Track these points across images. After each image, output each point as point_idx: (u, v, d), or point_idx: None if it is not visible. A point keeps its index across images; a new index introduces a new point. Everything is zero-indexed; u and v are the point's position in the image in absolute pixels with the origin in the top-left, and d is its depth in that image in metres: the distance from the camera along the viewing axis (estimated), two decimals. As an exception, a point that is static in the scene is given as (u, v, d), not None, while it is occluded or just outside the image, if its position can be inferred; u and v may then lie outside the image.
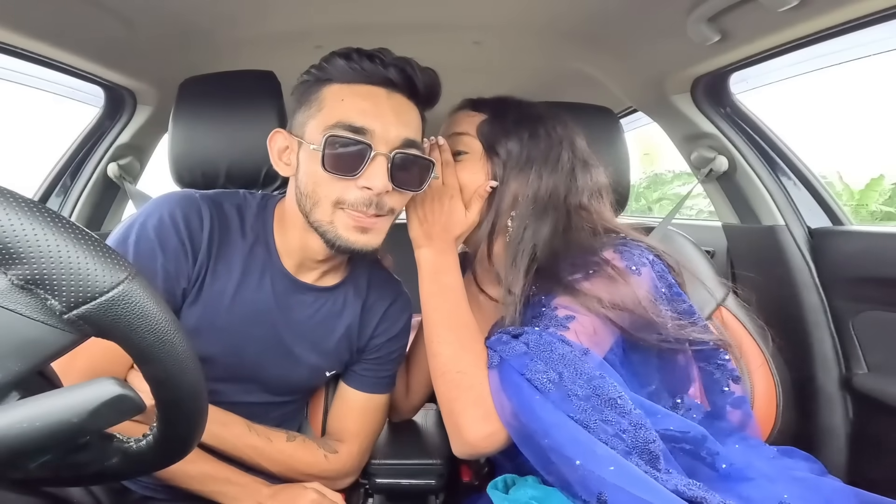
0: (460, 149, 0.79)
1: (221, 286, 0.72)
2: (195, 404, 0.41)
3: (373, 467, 0.94)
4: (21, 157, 1.98)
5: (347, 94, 0.66)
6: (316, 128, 0.66)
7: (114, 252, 0.33)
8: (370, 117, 0.65)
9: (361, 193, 0.65)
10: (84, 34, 1.09)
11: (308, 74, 0.71)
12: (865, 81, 4.84)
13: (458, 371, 0.67)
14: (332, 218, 0.67)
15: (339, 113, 0.65)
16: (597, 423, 0.56)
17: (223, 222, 0.73)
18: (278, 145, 0.71)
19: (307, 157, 0.67)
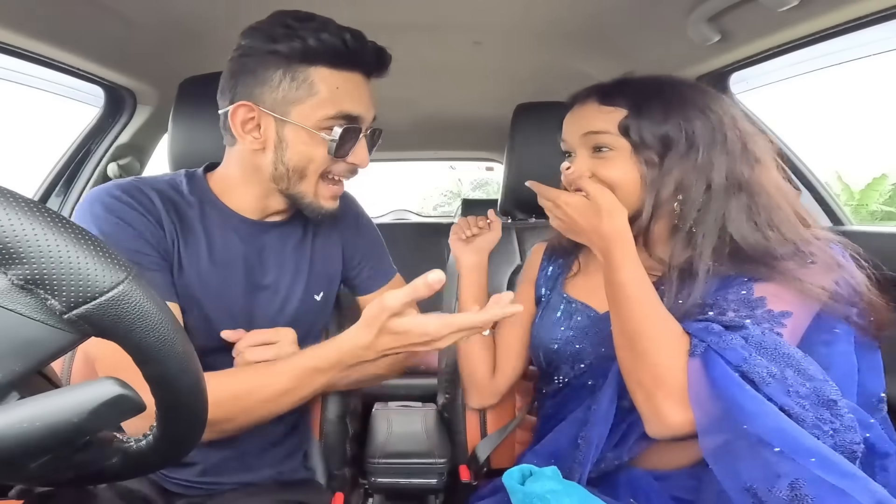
0: (601, 145, 0.73)
1: (195, 249, 0.75)
2: (195, 404, 0.41)
3: (373, 466, 0.94)
4: (21, 157, 1.98)
5: (340, 82, 0.69)
6: (311, 112, 0.69)
7: (114, 252, 0.33)
8: (360, 105, 0.71)
9: (349, 168, 0.75)
10: (84, 34, 1.09)
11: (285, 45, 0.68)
12: (865, 81, 4.83)
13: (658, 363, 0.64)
14: (316, 189, 0.74)
15: (339, 102, 0.69)
16: (812, 419, 0.56)
17: (165, 194, 0.75)
18: (241, 117, 0.70)
19: (297, 137, 0.70)
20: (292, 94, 0.69)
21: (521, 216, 1.17)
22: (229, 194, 0.78)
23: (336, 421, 0.97)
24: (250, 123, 0.71)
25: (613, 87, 0.75)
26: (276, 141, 0.71)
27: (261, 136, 0.71)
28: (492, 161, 2.78)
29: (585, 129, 0.74)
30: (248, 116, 0.70)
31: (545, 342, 0.83)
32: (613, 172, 0.72)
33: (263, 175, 0.74)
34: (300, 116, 0.69)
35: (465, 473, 0.98)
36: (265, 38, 0.69)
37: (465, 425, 1.04)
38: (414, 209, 3.46)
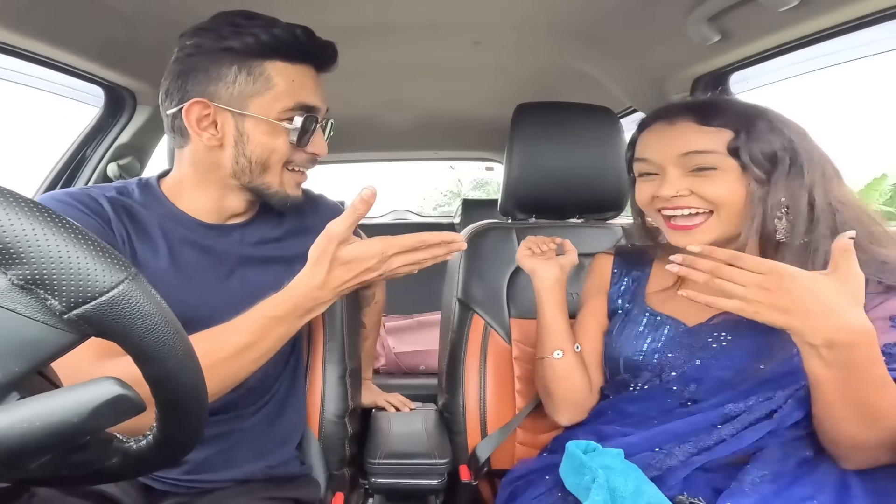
0: (706, 165, 0.73)
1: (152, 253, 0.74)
2: (195, 404, 0.41)
3: (373, 467, 0.94)
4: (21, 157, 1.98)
5: (295, 75, 0.72)
6: (270, 104, 0.71)
7: (114, 252, 0.33)
8: (314, 96, 0.75)
9: (309, 157, 0.78)
10: (84, 34, 1.09)
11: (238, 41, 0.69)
12: (865, 81, 4.83)
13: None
14: (281, 179, 0.77)
15: (296, 94, 0.72)
16: None
17: (116, 200, 0.75)
18: (196, 114, 0.71)
19: (258, 129, 0.72)
20: (249, 88, 0.70)
21: (521, 216, 1.17)
22: (183, 198, 0.78)
23: (335, 421, 0.97)
24: (206, 121, 0.71)
25: (712, 108, 0.76)
26: (236, 135, 0.72)
27: (218, 133, 0.72)
28: (492, 161, 2.78)
29: (685, 148, 0.74)
30: (204, 113, 0.71)
31: (627, 353, 0.82)
32: (720, 190, 0.73)
33: (221, 172, 0.75)
34: (259, 109, 0.71)
35: (465, 473, 0.98)
36: (215, 37, 0.70)
37: (466, 425, 1.04)
38: (414, 209, 3.45)
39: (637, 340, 0.82)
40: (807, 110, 0.73)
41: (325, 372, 0.98)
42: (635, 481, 0.61)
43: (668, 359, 0.78)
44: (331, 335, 0.99)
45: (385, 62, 1.46)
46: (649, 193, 0.79)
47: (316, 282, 0.65)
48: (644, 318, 0.83)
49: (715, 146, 0.73)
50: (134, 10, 1.06)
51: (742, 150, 0.72)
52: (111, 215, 0.72)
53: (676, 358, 0.77)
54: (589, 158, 1.09)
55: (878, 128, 5.80)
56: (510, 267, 1.09)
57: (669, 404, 0.76)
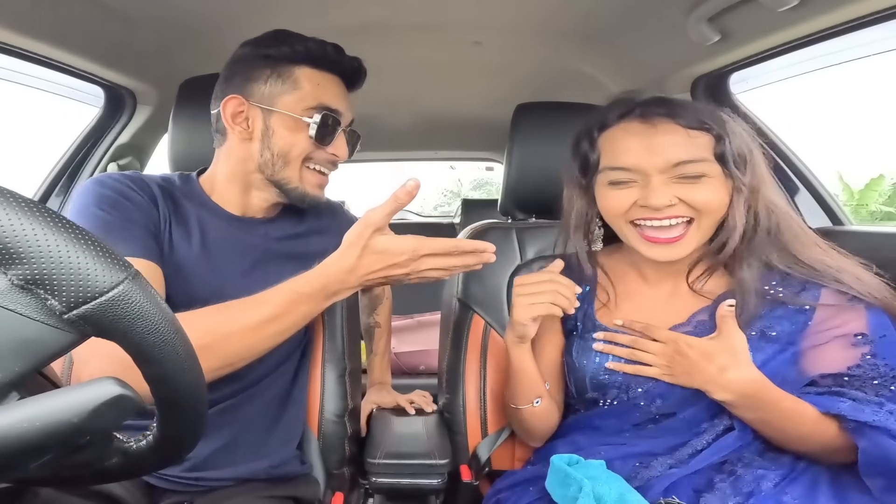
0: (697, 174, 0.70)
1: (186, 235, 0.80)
2: (195, 404, 0.41)
3: (373, 466, 0.94)
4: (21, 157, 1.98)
5: (322, 81, 0.80)
6: (296, 103, 0.78)
7: (114, 252, 0.33)
8: (339, 102, 0.81)
9: (330, 158, 0.83)
10: (84, 34, 1.09)
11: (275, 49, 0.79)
12: (865, 81, 4.83)
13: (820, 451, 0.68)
14: (301, 175, 0.82)
15: (320, 96, 0.79)
16: None
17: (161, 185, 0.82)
18: (232, 110, 0.79)
19: (283, 124, 0.79)
20: (279, 88, 0.78)
21: (521, 216, 1.17)
22: (216, 192, 0.85)
23: (334, 420, 0.97)
24: (239, 116, 0.79)
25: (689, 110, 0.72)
26: (263, 129, 0.79)
27: (249, 127, 0.80)
28: (492, 161, 2.78)
29: (676, 157, 0.69)
30: (238, 110, 0.79)
31: (591, 372, 0.79)
32: (708, 197, 0.70)
33: (250, 166, 0.81)
34: (285, 106, 0.78)
35: (465, 474, 0.98)
36: (255, 47, 0.81)
37: (466, 425, 1.04)
38: (414, 209, 3.46)
39: (598, 359, 0.79)
40: (807, 110, 0.73)
41: (324, 371, 0.98)
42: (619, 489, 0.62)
43: (629, 378, 0.76)
44: (330, 335, 0.99)
45: (385, 62, 1.46)
46: (627, 202, 0.73)
47: (347, 264, 0.66)
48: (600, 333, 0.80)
49: (703, 153, 0.70)
50: (134, 10, 1.06)
51: (727, 154, 0.69)
52: (158, 197, 0.79)
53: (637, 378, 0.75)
54: (589, 158, 1.08)
55: (877, 128, 5.80)
56: (510, 267, 1.09)
57: (639, 418, 0.76)
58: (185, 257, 0.79)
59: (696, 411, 0.72)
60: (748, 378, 0.66)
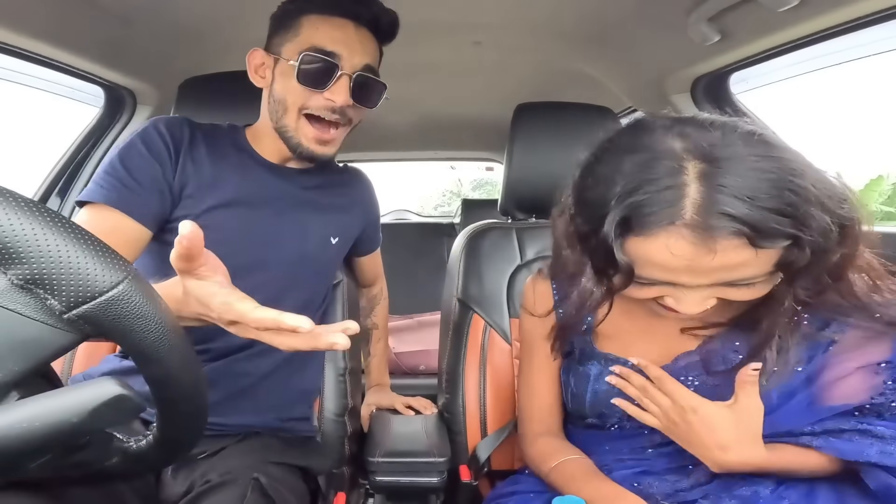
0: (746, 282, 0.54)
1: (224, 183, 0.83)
2: (195, 404, 0.41)
3: (373, 465, 0.94)
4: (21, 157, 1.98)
5: (322, 24, 0.78)
6: (292, 48, 0.79)
7: (113, 252, 0.33)
8: (339, 44, 0.78)
9: (325, 103, 0.79)
10: (84, 34, 1.09)
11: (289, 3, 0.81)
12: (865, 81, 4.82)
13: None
14: (297, 125, 0.81)
15: (314, 38, 0.78)
16: None
17: (206, 134, 0.86)
18: (256, 62, 0.83)
19: (282, 71, 0.80)
20: (284, 37, 0.80)
21: (520, 216, 1.17)
22: (257, 142, 0.88)
23: (334, 419, 0.97)
24: (261, 68, 0.83)
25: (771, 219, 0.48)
26: (272, 78, 0.82)
27: (265, 76, 0.83)
28: (492, 161, 2.78)
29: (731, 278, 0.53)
30: (260, 62, 0.83)
31: (591, 400, 0.73)
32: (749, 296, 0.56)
33: (268, 115, 0.84)
34: (286, 53, 0.79)
35: (465, 473, 0.98)
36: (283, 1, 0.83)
37: (466, 425, 1.04)
38: (414, 209, 3.45)
39: (598, 387, 0.72)
40: (807, 110, 0.73)
41: (324, 369, 0.98)
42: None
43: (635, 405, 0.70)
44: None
45: (385, 62, 1.46)
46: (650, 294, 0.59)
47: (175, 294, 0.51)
48: (599, 360, 0.73)
49: (765, 267, 0.53)
50: (134, 10, 1.06)
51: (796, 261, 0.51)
52: (186, 140, 0.82)
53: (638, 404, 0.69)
54: (589, 158, 1.08)
55: (877, 128, 5.79)
56: (510, 267, 1.09)
57: (640, 444, 0.72)
58: (220, 199, 0.81)
59: None
60: (748, 462, 0.61)
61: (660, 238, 0.52)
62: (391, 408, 1.18)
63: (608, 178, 0.55)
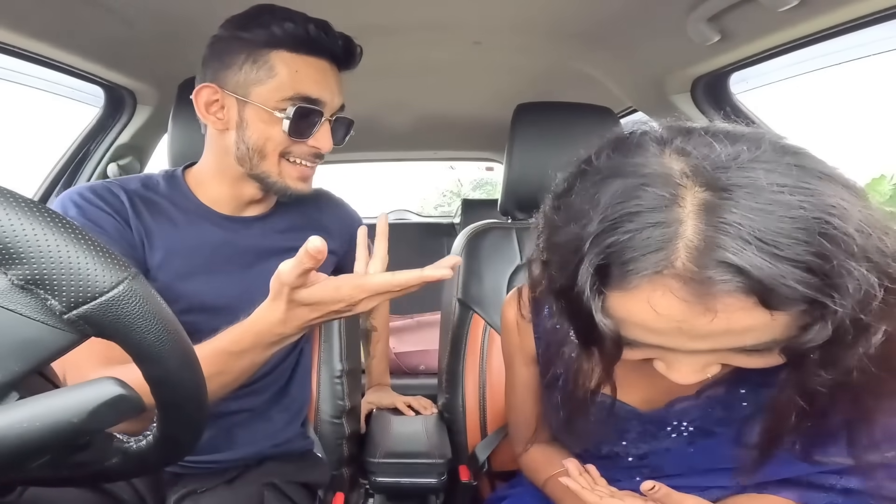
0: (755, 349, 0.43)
1: (171, 246, 0.76)
2: (195, 404, 0.41)
3: (373, 466, 0.94)
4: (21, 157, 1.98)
5: (300, 66, 0.72)
6: (270, 93, 0.72)
7: (114, 252, 0.33)
8: (322, 89, 0.74)
9: (310, 150, 0.77)
10: (84, 34, 1.09)
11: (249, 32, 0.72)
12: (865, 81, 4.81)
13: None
14: (280, 169, 0.76)
15: (296, 84, 0.72)
16: None
17: (137, 193, 0.77)
18: (205, 99, 0.74)
19: (257, 116, 0.73)
20: (253, 76, 0.72)
21: (521, 216, 1.17)
22: (205, 189, 0.80)
23: (331, 421, 0.97)
24: (214, 105, 0.75)
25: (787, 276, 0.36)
26: (238, 121, 0.74)
27: (224, 117, 0.75)
28: (492, 161, 2.78)
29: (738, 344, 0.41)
30: (213, 98, 0.74)
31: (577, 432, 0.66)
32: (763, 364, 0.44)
33: (230, 159, 0.77)
34: (259, 97, 0.72)
35: (465, 474, 0.98)
36: (234, 27, 0.74)
37: (466, 425, 1.04)
38: (414, 209, 3.45)
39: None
40: (807, 110, 0.73)
41: (319, 372, 0.98)
42: None
43: (622, 447, 0.64)
44: (326, 336, 0.99)
45: (385, 62, 1.46)
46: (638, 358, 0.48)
47: (275, 318, 0.59)
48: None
49: (778, 334, 0.40)
50: (134, 10, 1.06)
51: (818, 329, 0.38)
52: (129, 211, 0.74)
53: (631, 446, 0.64)
54: (589, 158, 1.08)
55: (878, 128, 5.79)
56: (510, 267, 1.09)
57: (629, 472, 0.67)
58: (177, 267, 0.75)
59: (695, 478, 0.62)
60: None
61: (643, 292, 0.40)
62: (391, 407, 1.18)
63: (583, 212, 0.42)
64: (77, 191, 0.73)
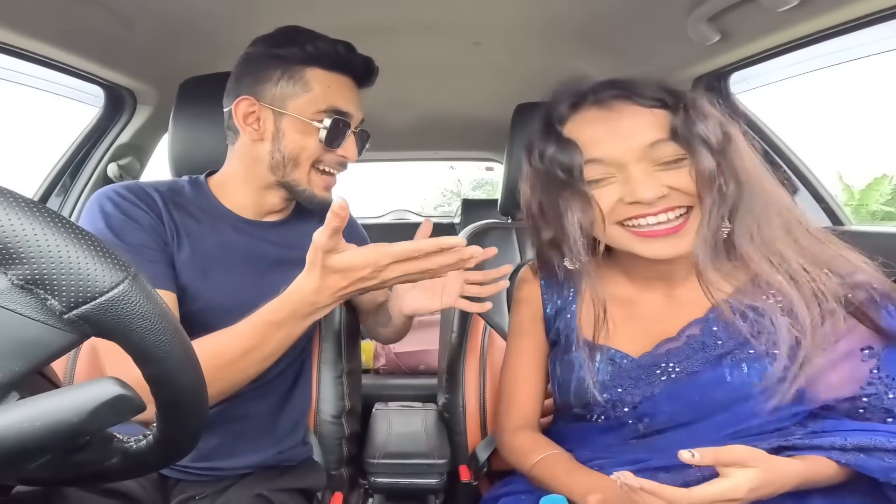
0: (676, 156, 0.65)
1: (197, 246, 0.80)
2: (195, 404, 0.41)
3: (372, 466, 0.94)
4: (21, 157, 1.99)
5: (332, 83, 0.80)
6: (306, 106, 0.79)
7: (114, 252, 0.33)
8: (350, 104, 0.82)
9: (339, 160, 0.84)
10: (84, 34, 1.09)
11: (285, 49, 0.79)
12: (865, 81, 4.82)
13: None
14: (309, 178, 0.82)
15: (330, 99, 0.79)
16: None
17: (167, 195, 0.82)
18: (243, 111, 0.80)
19: (293, 127, 0.79)
20: (289, 90, 0.79)
21: (521, 216, 1.17)
22: (228, 195, 0.85)
23: (331, 421, 0.97)
24: (251, 117, 0.80)
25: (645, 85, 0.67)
26: (274, 131, 0.80)
27: (260, 128, 0.80)
28: (492, 161, 2.78)
29: (648, 139, 0.64)
30: (250, 110, 0.80)
31: (575, 390, 0.73)
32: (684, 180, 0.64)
33: (261, 167, 0.82)
34: (296, 109, 0.79)
35: (465, 474, 0.98)
36: (268, 44, 0.81)
37: (466, 426, 1.04)
38: (414, 209, 3.46)
39: (583, 375, 0.72)
40: (807, 110, 0.72)
41: (320, 372, 0.98)
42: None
43: (618, 394, 0.70)
44: (325, 336, 0.99)
45: (385, 62, 1.45)
46: (610, 201, 0.66)
47: (310, 287, 0.64)
48: (583, 350, 0.73)
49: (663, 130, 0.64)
50: (134, 10, 1.06)
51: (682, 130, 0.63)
52: (162, 210, 0.79)
53: (626, 393, 0.70)
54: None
55: (878, 128, 5.79)
56: (510, 267, 1.09)
57: (625, 435, 0.71)
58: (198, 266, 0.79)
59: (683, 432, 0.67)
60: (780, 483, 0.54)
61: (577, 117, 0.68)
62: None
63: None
64: (113, 188, 0.78)
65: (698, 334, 0.68)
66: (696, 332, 0.68)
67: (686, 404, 0.67)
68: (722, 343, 0.66)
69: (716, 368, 0.65)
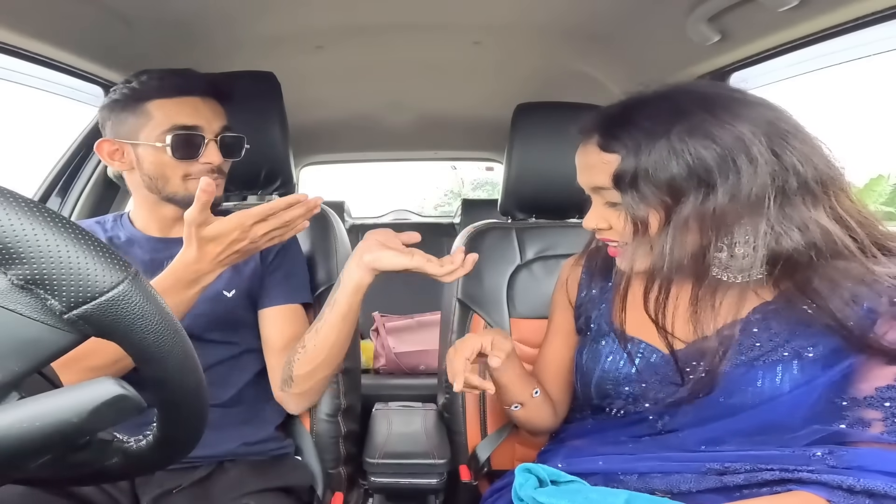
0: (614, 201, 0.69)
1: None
2: (195, 404, 0.41)
3: (372, 466, 0.94)
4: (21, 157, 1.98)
5: (172, 106, 0.87)
6: (151, 132, 0.86)
7: (114, 252, 0.33)
8: (198, 118, 0.88)
9: (204, 167, 0.89)
10: (84, 34, 1.09)
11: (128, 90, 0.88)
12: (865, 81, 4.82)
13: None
14: (185, 186, 0.89)
15: (171, 119, 0.86)
16: None
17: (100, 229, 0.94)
18: (107, 150, 0.89)
19: (146, 152, 0.88)
20: (138, 123, 0.87)
21: (520, 216, 1.17)
22: (138, 219, 0.96)
23: (326, 419, 0.97)
24: (116, 153, 0.90)
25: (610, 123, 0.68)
26: (135, 160, 0.89)
27: (125, 160, 0.90)
28: (492, 161, 2.78)
29: (590, 183, 0.70)
30: (113, 148, 0.90)
31: (598, 380, 0.74)
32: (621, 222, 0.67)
33: (143, 189, 0.91)
34: (145, 137, 0.87)
35: (465, 474, 0.98)
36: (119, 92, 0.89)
37: (466, 425, 1.04)
38: (414, 209, 3.45)
39: (608, 366, 0.74)
40: (807, 110, 0.72)
41: None
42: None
43: (642, 389, 0.71)
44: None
45: (385, 62, 1.46)
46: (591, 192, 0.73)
47: (190, 258, 0.74)
48: (613, 340, 0.75)
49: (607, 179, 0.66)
50: (134, 10, 1.06)
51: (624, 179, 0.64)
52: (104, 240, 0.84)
53: (650, 388, 0.70)
54: (589, 158, 1.08)
55: (877, 128, 5.79)
56: (510, 267, 1.09)
57: (640, 431, 0.72)
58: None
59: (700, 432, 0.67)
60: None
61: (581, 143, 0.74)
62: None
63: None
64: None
65: (735, 335, 0.66)
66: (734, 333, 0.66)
67: (709, 405, 0.66)
68: (760, 346, 0.64)
69: (748, 371, 0.64)
